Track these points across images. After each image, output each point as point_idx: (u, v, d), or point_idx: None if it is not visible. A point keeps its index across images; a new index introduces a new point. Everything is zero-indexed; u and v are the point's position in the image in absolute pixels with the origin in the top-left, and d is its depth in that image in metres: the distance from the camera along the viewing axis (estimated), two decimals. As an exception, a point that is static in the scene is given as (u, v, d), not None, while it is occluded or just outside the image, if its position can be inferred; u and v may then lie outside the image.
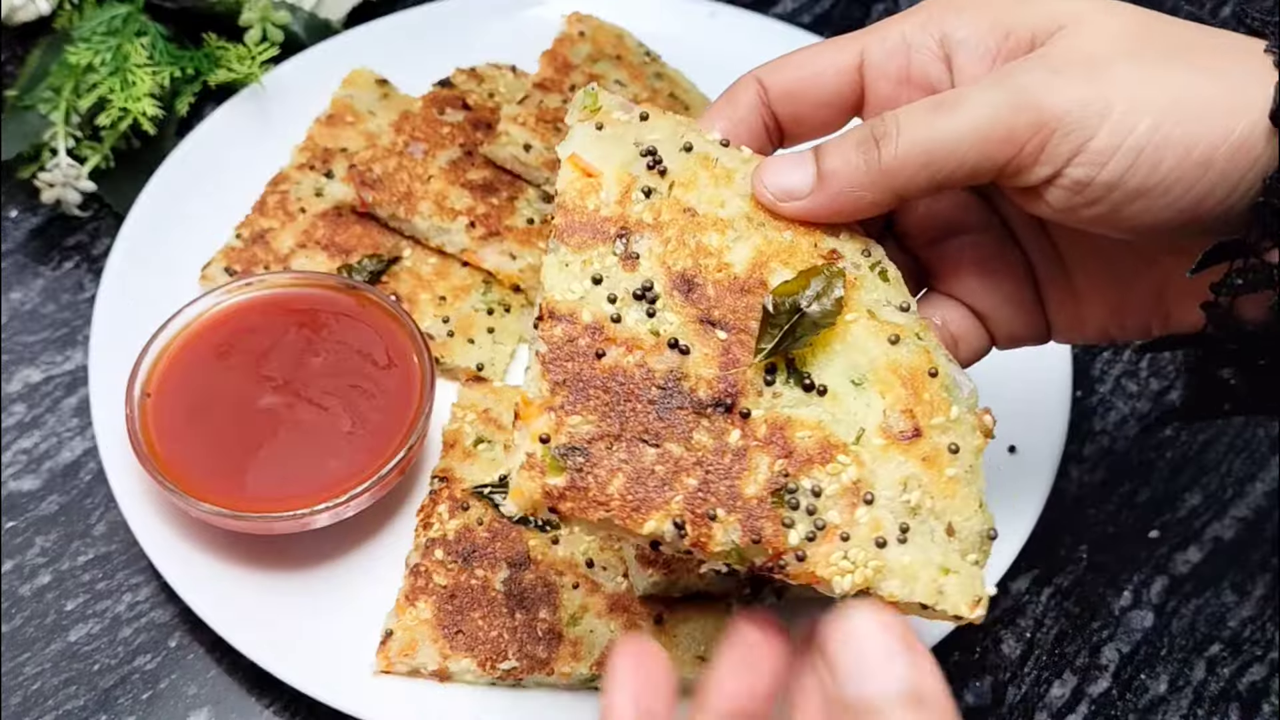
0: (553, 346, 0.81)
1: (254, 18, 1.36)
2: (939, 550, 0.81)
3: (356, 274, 1.23)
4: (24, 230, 1.34)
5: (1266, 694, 1.13)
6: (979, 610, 0.81)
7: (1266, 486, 1.23)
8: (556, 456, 0.79)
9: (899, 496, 0.81)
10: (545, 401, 0.80)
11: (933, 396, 0.83)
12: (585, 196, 0.85)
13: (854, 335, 0.84)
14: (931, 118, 0.79)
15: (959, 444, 0.82)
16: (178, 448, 1.09)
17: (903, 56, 0.85)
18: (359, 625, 1.08)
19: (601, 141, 0.86)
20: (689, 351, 0.81)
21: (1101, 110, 0.77)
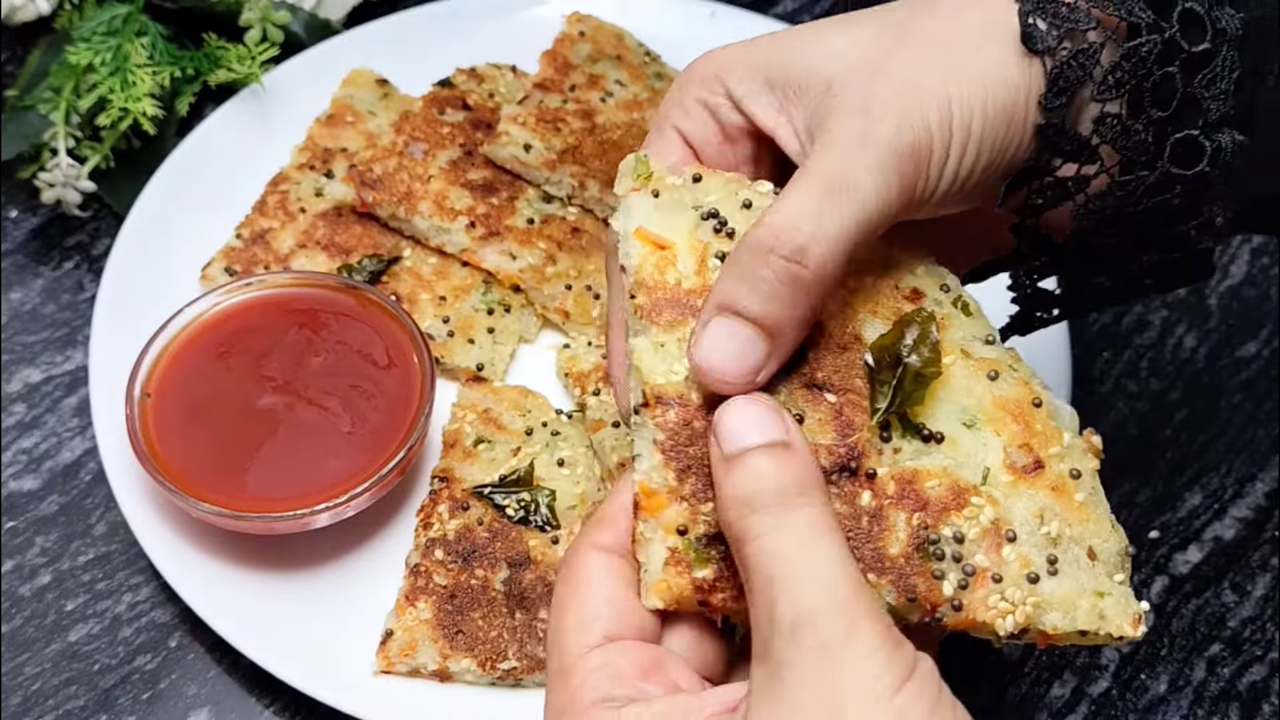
0: (670, 433, 0.77)
1: (254, 18, 1.36)
2: (1088, 576, 0.80)
3: (356, 274, 1.23)
4: (24, 230, 1.34)
5: (1266, 694, 1.13)
6: (1141, 627, 0.80)
7: (1266, 486, 1.23)
8: (700, 548, 0.76)
9: (1038, 529, 0.80)
10: (673, 491, 0.77)
11: (1043, 426, 0.82)
12: (663, 271, 0.81)
13: (954, 377, 0.83)
14: (838, 207, 0.78)
15: (1079, 469, 0.82)
16: (178, 448, 1.09)
17: (710, 120, 0.86)
18: (359, 625, 1.08)
19: (661, 211, 0.82)
20: (803, 419, 0.78)
21: (946, 121, 0.81)
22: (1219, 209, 0.87)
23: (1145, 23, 0.83)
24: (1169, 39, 0.83)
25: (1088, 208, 0.87)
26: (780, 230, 0.77)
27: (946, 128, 0.81)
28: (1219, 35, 0.83)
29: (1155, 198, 0.85)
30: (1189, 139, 0.84)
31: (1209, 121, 0.84)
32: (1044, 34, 0.82)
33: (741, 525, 0.73)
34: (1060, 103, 0.83)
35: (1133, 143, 0.84)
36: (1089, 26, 0.83)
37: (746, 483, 0.74)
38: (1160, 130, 0.84)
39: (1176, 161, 0.84)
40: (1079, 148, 0.85)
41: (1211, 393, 1.28)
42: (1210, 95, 0.83)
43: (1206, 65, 0.83)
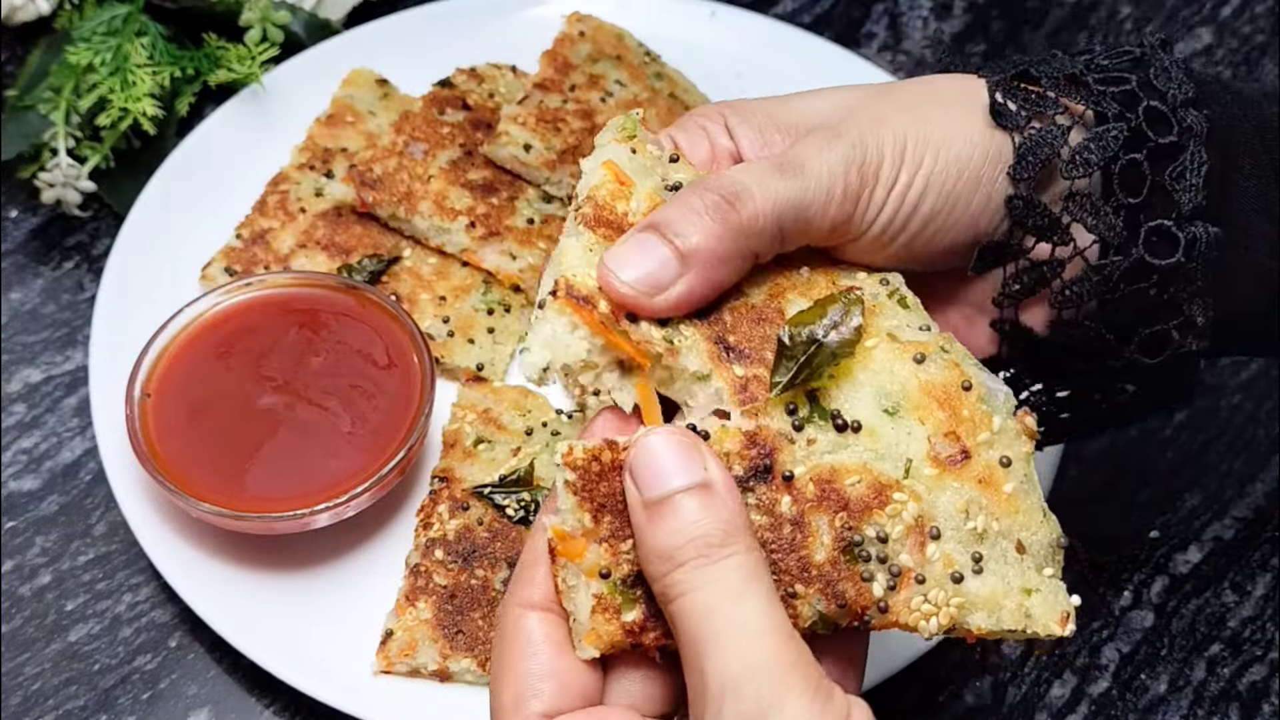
0: (580, 472, 0.74)
1: (254, 18, 1.36)
2: (1015, 572, 0.79)
3: (356, 274, 1.23)
4: (24, 230, 1.34)
5: (1266, 694, 1.13)
6: (1070, 625, 0.79)
7: (1266, 486, 1.23)
8: (625, 590, 0.75)
9: (964, 525, 0.78)
10: (589, 533, 0.75)
11: (972, 412, 0.80)
12: (616, 200, 0.81)
13: (877, 360, 0.80)
14: (784, 178, 0.82)
15: (1009, 456, 0.80)
16: (178, 448, 1.09)
17: (704, 140, 0.89)
18: (359, 625, 1.08)
19: (632, 165, 0.83)
20: (708, 436, 0.76)
21: (899, 153, 0.85)
22: (1199, 307, 0.88)
23: (1112, 112, 0.87)
24: (1135, 128, 0.86)
25: (1065, 293, 0.88)
26: (724, 178, 0.82)
27: (898, 159, 0.85)
28: (1185, 132, 0.87)
29: (1132, 285, 0.87)
30: (1162, 228, 0.86)
31: (1181, 213, 0.86)
32: (1012, 113, 0.87)
33: (667, 581, 0.72)
34: (1029, 175, 0.86)
35: (1103, 223, 0.87)
36: (1057, 110, 0.87)
37: (670, 535, 0.72)
38: (1132, 216, 0.87)
39: (1151, 250, 0.86)
40: (1050, 224, 0.87)
41: (1211, 393, 1.28)
42: (1181, 187, 0.86)
43: (1174, 158, 0.86)
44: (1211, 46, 1.52)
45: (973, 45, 1.52)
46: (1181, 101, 0.88)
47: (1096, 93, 0.88)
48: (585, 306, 0.77)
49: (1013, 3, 1.55)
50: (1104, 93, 0.88)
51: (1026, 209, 0.87)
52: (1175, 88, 0.88)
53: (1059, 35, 1.52)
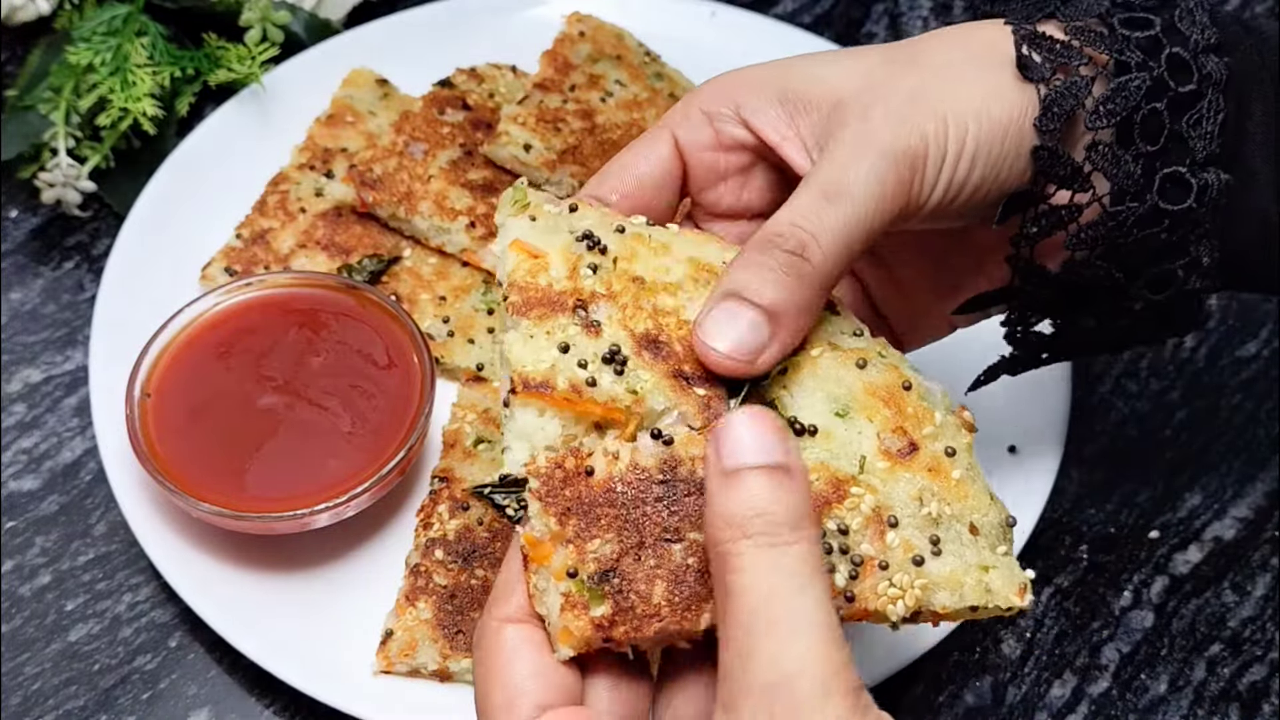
0: (543, 480, 0.78)
1: (254, 18, 1.36)
2: (972, 551, 0.81)
3: (356, 274, 1.23)
4: (24, 230, 1.34)
5: (1266, 694, 1.13)
6: (1028, 596, 0.81)
7: (1266, 486, 1.23)
8: (592, 586, 0.77)
9: (919, 511, 0.81)
10: (556, 536, 0.78)
11: (915, 409, 0.83)
12: (535, 275, 0.83)
13: (823, 369, 0.84)
14: (836, 210, 0.83)
15: (953, 446, 0.83)
16: (178, 448, 1.09)
17: (707, 127, 0.91)
18: (359, 625, 1.08)
19: (537, 231, 0.85)
20: (672, 441, 0.78)
21: (943, 131, 0.86)
22: (1205, 248, 0.91)
23: (1135, 61, 0.88)
24: (1157, 77, 0.88)
25: (1080, 236, 0.90)
26: (782, 228, 0.83)
27: (942, 137, 0.86)
28: (1205, 79, 0.88)
29: (1144, 230, 0.89)
30: (1176, 175, 0.88)
31: (1195, 160, 0.88)
32: (1038, 64, 0.88)
33: (729, 548, 0.72)
34: (1054, 126, 0.87)
35: (1122, 171, 0.88)
36: (1081, 61, 0.88)
37: (742, 504, 0.72)
38: (1149, 164, 0.88)
39: (1164, 196, 0.88)
40: (1072, 173, 0.89)
41: (1211, 393, 1.28)
42: (1196, 135, 0.88)
43: (1193, 106, 0.88)
44: None
45: (973, 45, 1.52)
46: (1203, 48, 0.89)
47: (1120, 38, 0.88)
48: (545, 391, 0.80)
49: (1012, 2, 1.55)
50: (1128, 39, 0.89)
51: (1052, 159, 0.88)
52: (1198, 32, 0.89)
53: (1059, 35, 1.52)
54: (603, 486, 0.78)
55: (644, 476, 0.78)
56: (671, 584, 0.77)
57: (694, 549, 0.78)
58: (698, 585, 0.77)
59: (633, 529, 0.78)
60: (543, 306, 0.83)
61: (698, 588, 0.77)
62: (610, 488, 0.78)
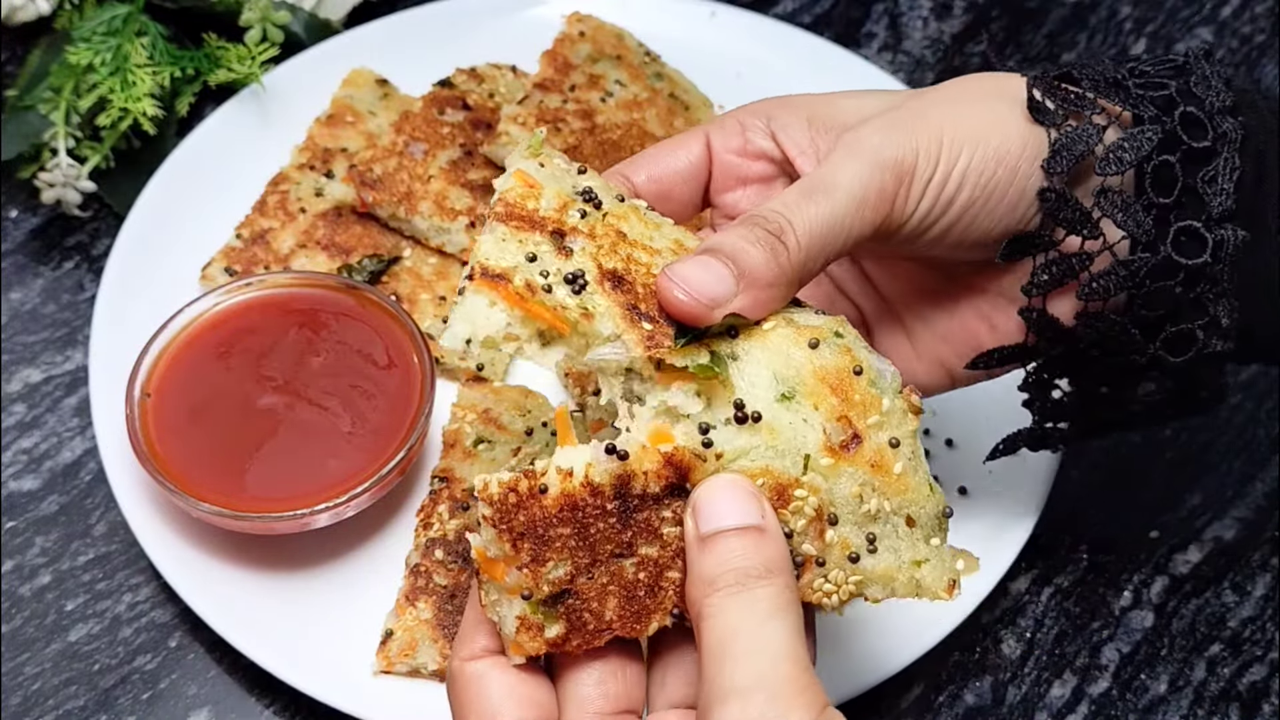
0: (496, 505, 0.78)
1: (254, 18, 1.36)
2: (907, 545, 0.84)
3: (356, 274, 1.23)
4: (24, 230, 1.34)
5: (1266, 694, 1.13)
6: (956, 592, 0.84)
7: (1266, 486, 1.23)
8: (546, 609, 0.79)
9: (859, 508, 0.82)
10: (510, 559, 0.79)
11: (862, 395, 0.84)
12: (526, 199, 0.86)
13: (774, 343, 0.84)
14: (814, 204, 0.86)
15: (898, 436, 0.84)
16: (178, 448, 1.09)
17: (739, 136, 0.95)
18: (359, 625, 1.08)
19: (542, 173, 0.88)
20: (627, 456, 0.79)
21: (935, 148, 0.88)
22: (1224, 308, 0.91)
23: (1149, 114, 0.89)
24: (1170, 131, 0.89)
25: (1092, 286, 0.91)
26: (766, 212, 0.86)
27: (934, 155, 0.88)
28: (1220, 138, 0.89)
29: (1157, 281, 0.89)
30: (1191, 229, 0.89)
31: (1211, 216, 0.88)
32: (1050, 110, 0.89)
33: (704, 603, 0.77)
34: (1062, 169, 0.89)
35: (1133, 219, 0.89)
36: (1094, 110, 0.90)
37: (715, 564, 0.77)
38: (1162, 216, 0.89)
39: (1179, 250, 0.89)
40: (1081, 218, 0.90)
41: (1211, 393, 1.28)
42: (1212, 191, 0.89)
43: (1208, 162, 0.89)
44: (1211, 46, 1.52)
45: (973, 45, 1.52)
46: (1218, 109, 0.90)
47: (1135, 96, 0.90)
48: (500, 283, 0.82)
49: (1013, 3, 1.55)
50: (1142, 96, 0.90)
51: (1059, 201, 0.89)
52: (1214, 95, 0.90)
53: (1059, 35, 1.52)
54: (556, 505, 0.79)
55: (597, 493, 0.79)
56: (623, 599, 0.80)
57: (644, 563, 0.80)
58: (648, 599, 0.81)
59: (586, 548, 0.79)
60: (523, 222, 0.84)
61: (647, 601, 0.81)
62: (564, 506, 0.79)
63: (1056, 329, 0.94)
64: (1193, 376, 0.95)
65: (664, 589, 0.81)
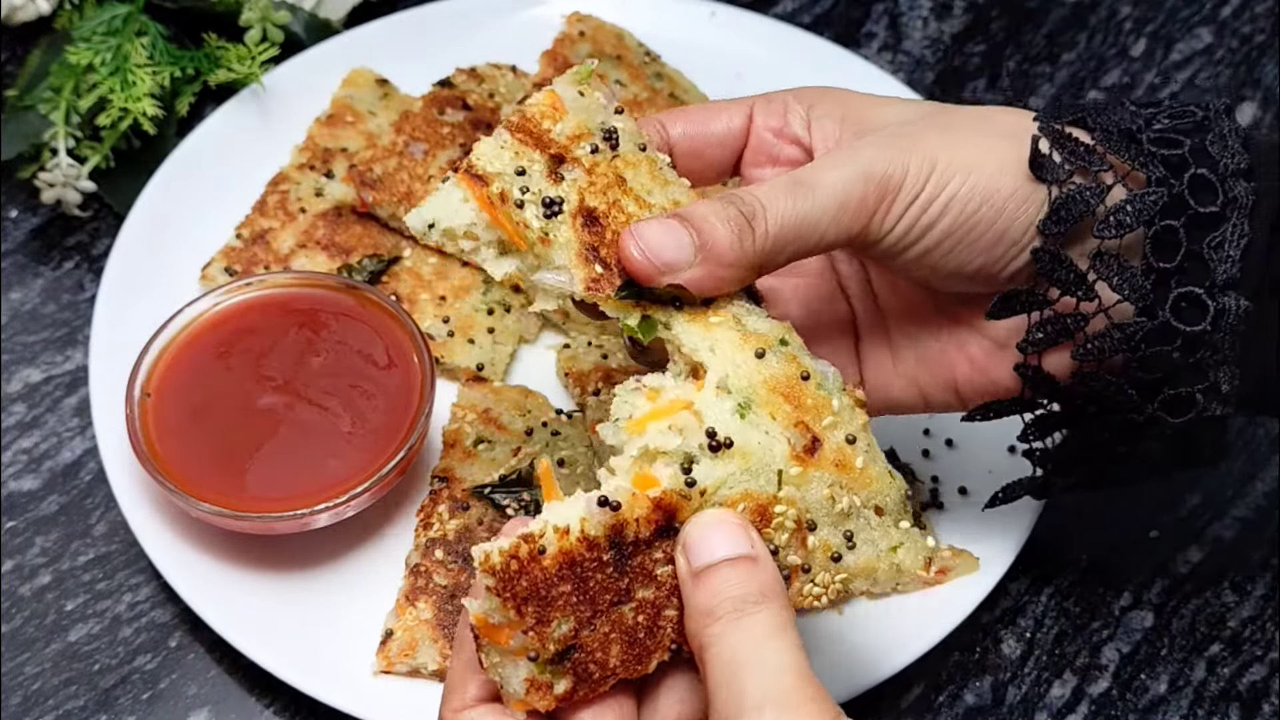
0: (498, 574, 0.78)
1: (254, 18, 1.36)
2: (880, 534, 0.85)
3: (356, 274, 1.23)
4: (24, 230, 1.33)
5: (1266, 694, 1.13)
6: (934, 567, 0.88)
7: (1266, 486, 1.23)
8: (554, 667, 0.80)
9: (832, 510, 0.84)
10: (515, 625, 0.79)
11: (814, 399, 0.85)
12: (544, 119, 0.89)
13: (720, 341, 0.86)
14: (793, 198, 0.87)
15: (853, 433, 0.85)
16: (178, 448, 1.09)
17: (780, 116, 0.97)
18: (359, 625, 1.08)
19: (576, 102, 0.91)
20: (619, 506, 0.80)
21: (926, 171, 0.88)
22: (1225, 375, 0.89)
23: (1156, 176, 0.88)
24: (1176, 194, 0.87)
25: (1087, 347, 0.90)
26: (744, 194, 0.88)
27: (922, 177, 0.88)
28: (1230, 203, 0.87)
29: (1153, 346, 0.89)
30: (1193, 295, 0.87)
31: (1215, 283, 0.87)
32: (1055, 165, 0.88)
33: (704, 635, 0.78)
34: (1059, 230, 0.88)
35: (1129, 284, 0.88)
36: (1101, 168, 0.89)
37: (711, 595, 0.78)
38: (1163, 281, 0.88)
39: (1179, 316, 0.88)
40: (1075, 279, 0.89)
41: (1211, 393, 1.28)
42: (1218, 258, 0.87)
43: (1215, 228, 0.87)
44: (1211, 46, 1.52)
45: (973, 45, 1.52)
46: (1232, 171, 0.88)
47: (1146, 153, 0.89)
48: (479, 184, 0.87)
49: (1013, 3, 1.55)
50: (1154, 154, 0.89)
51: (1053, 263, 0.89)
52: (1229, 157, 0.89)
53: (1059, 35, 1.52)
54: (556, 564, 0.79)
55: (594, 546, 0.80)
56: (625, 645, 0.81)
57: (643, 606, 0.81)
58: (648, 639, 0.81)
59: (587, 601, 0.80)
60: (529, 137, 0.89)
61: (648, 642, 0.81)
62: (563, 564, 0.79)
63: (1052, 386, 0.93)
64: (1193, 435, 0.94)
65: (662, 627, 0.82)
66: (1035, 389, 0.94)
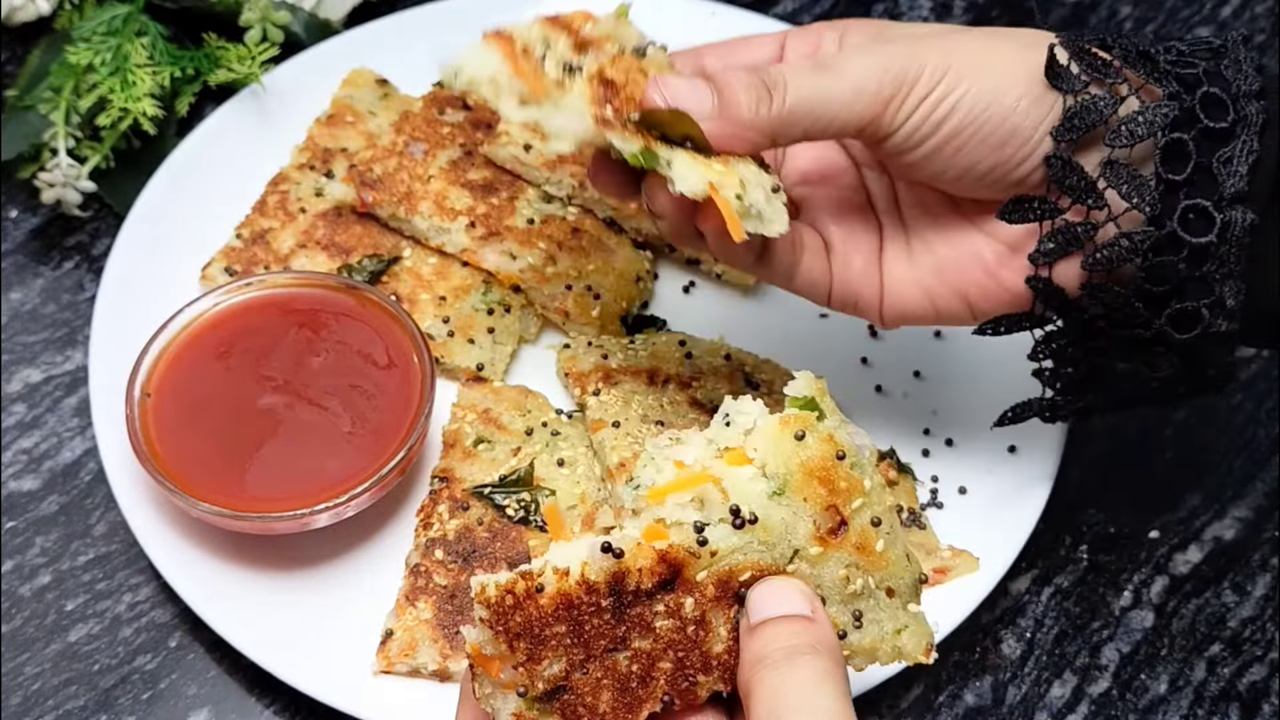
0: (493, 607, 0.78)
1: (254, 18, 1.36)
2: (888, 616, 0.84)
3: (356, 274, 1.23)
4: (24, 230, 1.34)
5: (1266, 694, 1.13)
6: (933, 655, 0.85)
7: (1266, 486, 1.23)
8: (541, 705, 0.80)
9: (845, 589, 0.83)
10: (505, 659, 0.79)
11: (848, 481, 0.83)
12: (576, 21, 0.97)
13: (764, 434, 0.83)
14: (816, 78, 0.92)
15: (878, 515, 0.83)
16: (178, 448, 1.09)
17: (813, 42, 1.01)
18: (359, 625, 1.08)
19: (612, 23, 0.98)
20: (622, 554, 0.79)
21: (941, 71, 0.92)
22: (1230, 289, 0.90)
23: (1170, 91, 0.90)
24: (1187, 108, 0.89)
25: (1096, 256, 0.91)
26: (770, 69, 0.93)
27: (937, 75, 0.91)
28: (1240, 120, 0.89)
29: (1160, 256, 0.90)
30: (1200, 208, 0.89)
31: (1222, 196, 0.88)
32: (1072, 75, 0.91)
33: (753, 679, 0.78)
34: (1072, 137, 0.90)
35: (1139, 193, 0.89)
36: (1117, 80, 0.91)
37: (765, 643, 0.78)
38: (1172, 192, 0.89)
39: (1186, 227, 0.89)
40: (1086, 187, 0.91)
41: (1211, 393, 1.28)
42: (1227, 172, 0.89)
43: (1225, 143, 0.89)
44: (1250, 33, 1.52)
45: (973, 45, 1.51)
46: (1244, 92, 0.90)
47: (1162, 71, 0.91)
48: (506, 41, 0.94)
49: (1013, 3, 1.55)
50: (1169, 72, 0.91)
51: (1064, 169, 0.91)
52: (1242, 79, 0.91)
53: (1059, 35, 1.52)
54: (552, 604, 0.79)
55: (593, 590, 0.79)
56: (617, 692, 0.80)
57: (637, 656, 0.80)
58: (639, 689, 0.81)
59: (580, 644, 0.80)
60: (561, 28, 0.95)
61: (639, 691, 0.81)
62: (560, 605, 0.79)
63: (1062, 299, 0.95)
64: (1200, 355, 0.95)
65: (655, 679, 0.81)
66: (1046, 301, 0.95)
